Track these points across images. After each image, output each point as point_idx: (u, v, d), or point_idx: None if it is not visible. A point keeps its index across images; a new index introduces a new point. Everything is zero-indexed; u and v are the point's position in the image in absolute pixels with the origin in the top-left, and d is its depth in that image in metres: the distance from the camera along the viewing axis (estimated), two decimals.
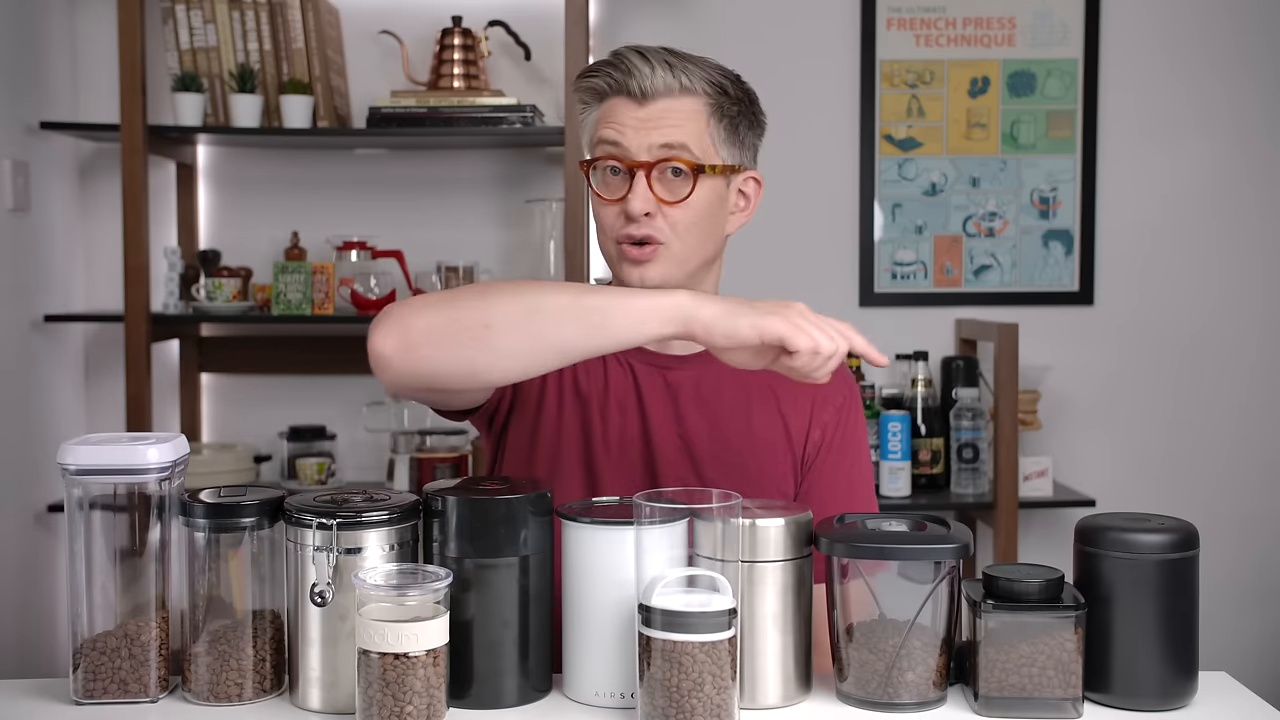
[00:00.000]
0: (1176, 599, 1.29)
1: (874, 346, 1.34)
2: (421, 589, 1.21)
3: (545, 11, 3.06)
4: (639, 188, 1.50)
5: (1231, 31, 3.29)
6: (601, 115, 1.55)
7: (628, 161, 1.51)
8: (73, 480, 1.31)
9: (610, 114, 1.53)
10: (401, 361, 1.35)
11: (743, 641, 1.27)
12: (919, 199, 3.29)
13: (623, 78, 1.51)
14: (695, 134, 1.51)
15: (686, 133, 1.51)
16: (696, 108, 1.52)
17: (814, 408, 1.62)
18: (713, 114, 1.53)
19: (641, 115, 1.51)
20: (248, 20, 2.97)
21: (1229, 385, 3.33)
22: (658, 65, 1.50)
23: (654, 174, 1.51)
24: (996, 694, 1.28)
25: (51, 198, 3.05)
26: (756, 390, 1.61)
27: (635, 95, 1.51)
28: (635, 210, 1.49)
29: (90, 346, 3.21)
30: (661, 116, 1.51)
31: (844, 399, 1.64)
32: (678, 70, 1.51)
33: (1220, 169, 3.31)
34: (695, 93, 1.52)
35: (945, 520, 1.35)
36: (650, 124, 1.50)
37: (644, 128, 1.51)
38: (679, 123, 1.51)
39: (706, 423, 1.59)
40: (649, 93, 1.51)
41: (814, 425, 1.61)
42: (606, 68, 1.53)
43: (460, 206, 3.22)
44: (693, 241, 1.53)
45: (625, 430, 1.59)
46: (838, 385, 1.63)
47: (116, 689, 1.31)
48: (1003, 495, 2.91)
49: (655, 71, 1.50)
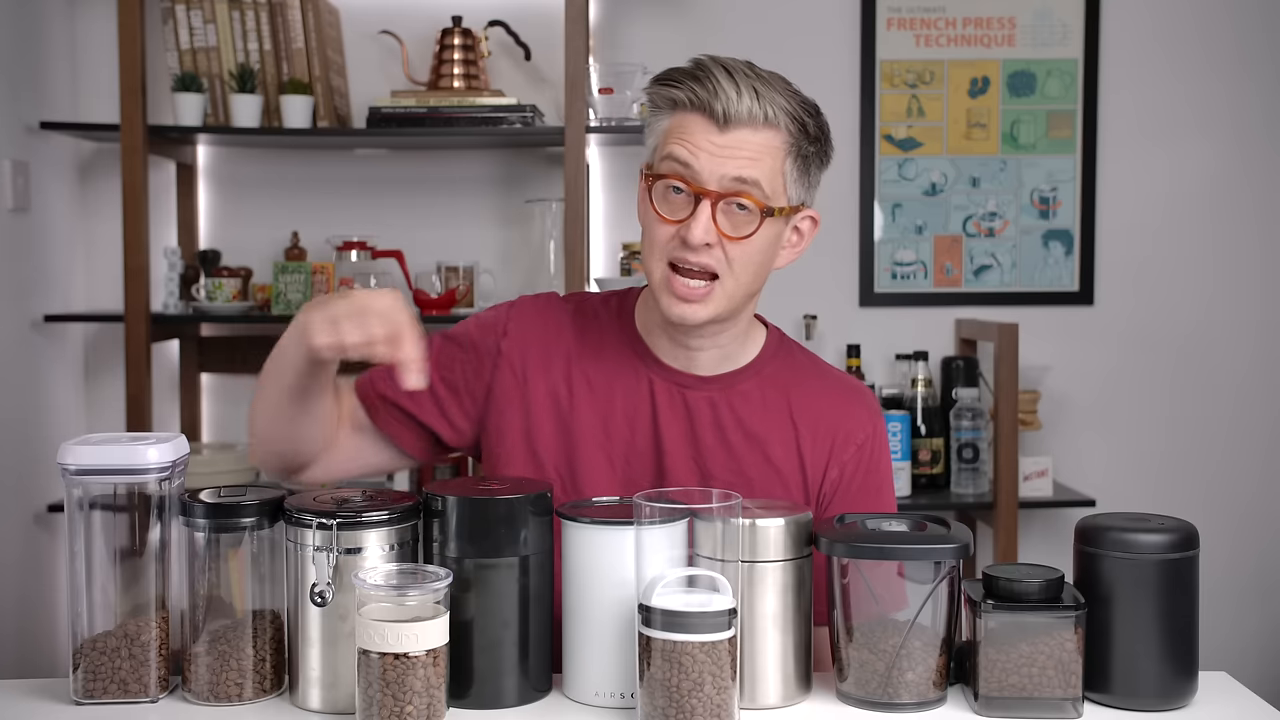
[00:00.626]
0: (1176, 599, 1.29)
1: (417, 361, 1.34)
2: (421, 589, 1.21)
3: (545, 11, 3.06)
4: (702, 216, 1.43)
5: (1231, 31, 3.29)
6: (675, 127, 1.47)
7: (695, 187, 1.44)
8: (73, 480, 1.31)
9: (685, 130, 1.45)
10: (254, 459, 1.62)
11: (743, 641, 1.27)
12: (919, 199, 3.29)
13: (707, 97, 1.43)
14: (769, 171, 1.45)
15: (761, 169, 1.44)
16: (775, 144, 1.45)
17: (834, 445, 1.57)
18: (789, 152, 1.47)
19: (719, 141, 1.44)
20: (248, 20, 2.97)
21: (1228, 385, 3.33)
22: (745, 91, 1.43)
23: (720, 205, 1.44)
24: (996, 694, 1.28)
25: (51, 198, 3.05)
26: (776, 421, 1.57)
27: (716, 117, 1.43)
28: (695, 239, 1.43)
29: (90, 346, 3.21)
30: (739, 146, 1.44)
31: (866, 437, 1.59)
32: (764, 100, 1.44)
33: (1220, 169, 3.31)
34: (777, 127, 1.45)
35: (945, 520, 1.35)
36: (726, 152, 1.43)
37: (719, 155, 1.43)
38: (755, 156, 1.44)
39: (722, 447, 1.55)
40: (731, 118, 1.43)
41: (832, 464, 1.57)
42: (689, 80, 1.45)
43: (460, 206, 3.22)
44: (745, 279, 1.48)
45: (635, 444, 1.56)
46: (861, 423, 1.59)
47: (116, 689, 1.31)
48: (1003, 495, 2.91)
49: (741, 98, 1.43)
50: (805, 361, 1.64)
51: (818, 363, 1.66)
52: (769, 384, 1.58)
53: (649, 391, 1.56)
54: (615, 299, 1.64)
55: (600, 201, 3.22)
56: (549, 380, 1.58)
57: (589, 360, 1.58)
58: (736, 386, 1.57)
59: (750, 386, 1.57)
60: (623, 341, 1.59)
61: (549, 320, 1.61)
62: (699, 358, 1.56)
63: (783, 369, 1.60)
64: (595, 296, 1.66)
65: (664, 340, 1.57)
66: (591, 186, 3.16)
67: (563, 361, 1.58)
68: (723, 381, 1.57)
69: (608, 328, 1.61)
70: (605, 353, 1.59)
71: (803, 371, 1.61)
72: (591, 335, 1.60)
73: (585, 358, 1.58)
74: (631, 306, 1.62)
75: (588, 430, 1.56)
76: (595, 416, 1.56)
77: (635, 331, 1.60)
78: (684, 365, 1.57)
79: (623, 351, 1.58)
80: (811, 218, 1.56)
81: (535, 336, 1.59)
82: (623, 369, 1.57)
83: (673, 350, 1.57)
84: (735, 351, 1.58)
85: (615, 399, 1.56)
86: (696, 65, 1.47)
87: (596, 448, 1.55)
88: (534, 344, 1.59)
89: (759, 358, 1.60)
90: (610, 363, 1.58)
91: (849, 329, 3.25)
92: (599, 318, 1.62)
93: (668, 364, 1.57)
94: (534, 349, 1.59)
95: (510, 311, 1.62)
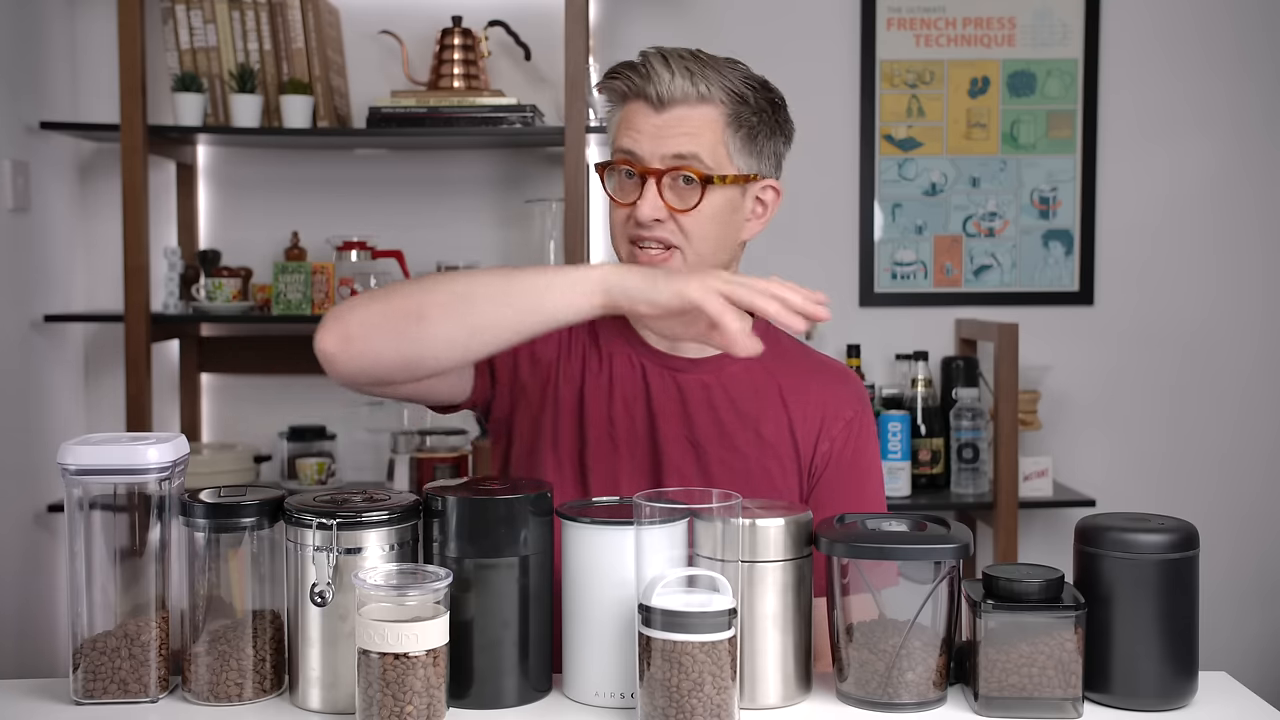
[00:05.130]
0: (1176, 599, 1.29)
1: (812, 300, 1.31)
2: (421, 589, 1.21)
3: (545, 11, 3.06)
4: (649, 194, 1.51)
5: (1231, 31, 3.29)
6: (622, 119, 1.55)
7: (639, 168, 1.52)
8: (73, 480, 1.31)
9: (628, 119, 1.54)
10: (344, 356, 1.39)
11: (743, 641, 1.27)
12: (919, 199, 3.29)
13: (642, 83, 1.51)
14: (708, 144, 1.51)
15: (699, 142, 1.51)
16: (712, 117, 1.52)
17: (824, 421, 1.61)
18: (729, 124, 1.52)
19: (657, 123, 1.51)
20: (248, 20, 2.97)
21: (1229, 385, 3.33)
22: (678, 72, 1.50)
23: (664, 181, 1.51)
24: (996, 694, 1.28)
25: (51, 198, 3.05)
26: (767, 398, 1.61)
27: (652, 101, 1.51)
28: (644, 216, 1.51)
29: (90, 346, 3.21)
30: (676, 124, 1.51)
31: (854, 414, 1.63)
32: (697, 78, 1.50)
33: (1220, 169, 3.31)
34: (712, 101, 1.51)
35: (945, 520, 1.35)
36: (664, 131, 1.51)
37: (658, 135, 1.51)
38: (692, 131, 1.51)
39: (715, 427, 1.59)
40: (665, 99, 1.50)
41: (822, 438, 1.61)
42: (628, 70, 1.53)
43: (460, 206, 3.22)
44: (705, 248, 1.54)
45: (633, 430, 1.59)
46: (848, 399, 1.63)
47: (116, 689, 1.31)
48: (1003, 495, 2.91)
49: (674, 78, 1.50)
50: (793, 346, 1.68)
51: (804, 348, 1.70)
52: (757, 367, 1.60)
53: (641, 375, 1.61)
54: None
55: (600, 201, 3.21)
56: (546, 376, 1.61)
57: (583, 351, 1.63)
58: (726, 368, 1.61)
59: (739, 368, 1.61)
60: (613, 327, 1.63)
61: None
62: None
63: (771, 353, 1.61)
64: None
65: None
66: (591, 186, 3.16)
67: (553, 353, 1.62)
68: (712, 364, 1.61)
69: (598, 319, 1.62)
70: (599, 338, 1.63)
71: (791, 355, 1.66)
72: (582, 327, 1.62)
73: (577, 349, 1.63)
74: None
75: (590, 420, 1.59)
76: (597, 405, 1.60)
77: (624, 320, 1.63)
78: (672, 348, 1.61)
79: (614, 337, 1.63)
80: (773, 188, 1.60)
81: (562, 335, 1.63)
82: (616, 353, 1.62)
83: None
84: None
85: (613, 384, 1.60)
86: (640, 55, 1.54)
87: (604, 435, 1.59)
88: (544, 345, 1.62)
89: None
90: (604, 347, 1.63)
91: (849, 329, 3.25)
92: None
93: (657, 348, 1.61)
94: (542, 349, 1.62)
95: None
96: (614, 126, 1.57)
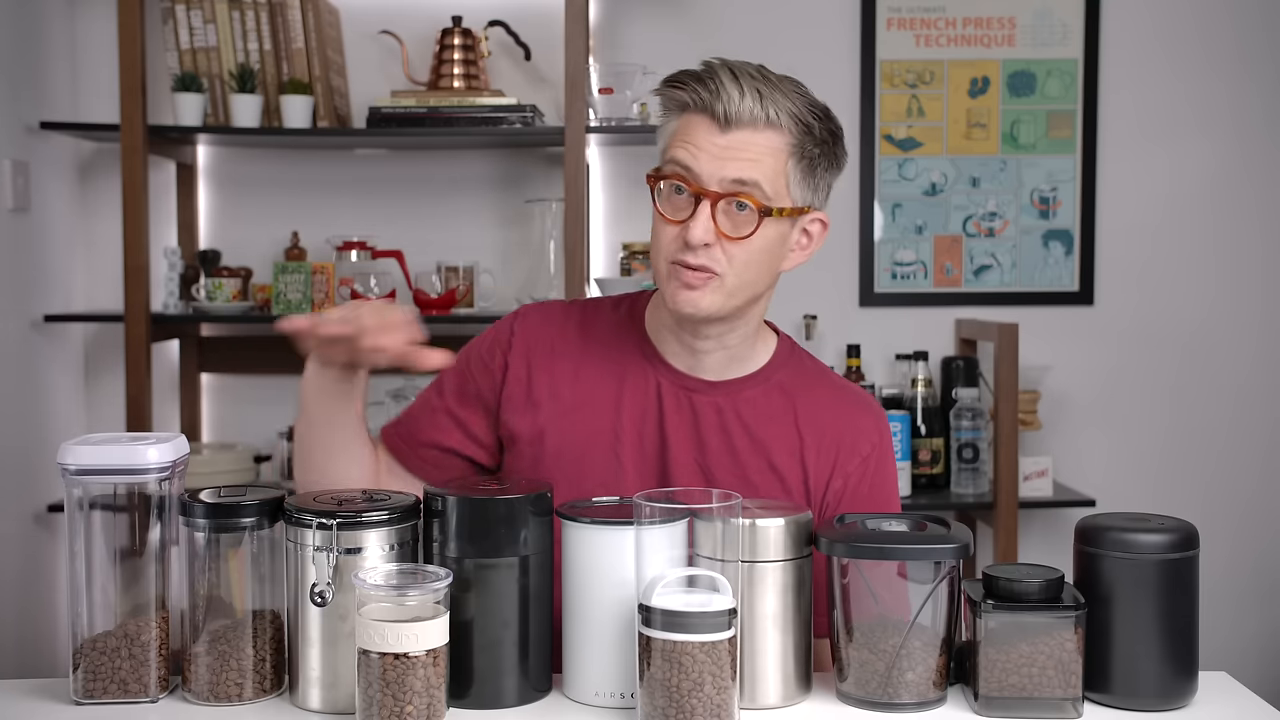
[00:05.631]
0: (1176, 599, 1.29)
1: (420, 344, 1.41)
2: (421, 589, 1.21)
3: (545, 11, 3.06)
4: (702, 216, 1.44)
5: (1231, 31, 3.29)
6: (679, 129, 1.48)
7: (695, 187, 1.45)
8: (73, 480, 1.31)
9: (688, 132, 1.47)
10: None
11: (743, 641, 1.27)
12: (919, 199, 3.29)
13: (709, 97, 1.44)
14: (770, 173, 1.45)
15: (761, 169, 1.44)
16: (777, 145, 1.46)
17: (839, 456, 1.57)
18: (792, 154, 1.46)
19: (720, 142, 1.44)
20: (248, 20, 2.97)
21: (1229, 385, 3.33)
22: (747, 91, 1.43)
23: (720, 205, 1.45)
24: (996, 694, 1.28)
25: (51, 198, 3.05)
26: (782, 429, 1.57)
27: (718, 119, 1.44)
28: (695, 239, 1.44)
29: (90, 346, 3.21)
30: (740, 148, 1.44)
31: (872, 447, 1.59)
32: (766, 101, 1.44)
33: (1220, 169, 3.31)
34: (779, 128, 1.45)
35: (945, 520, 1.35)
36: (727, 154, 1.44)
37: (720, 156, 1.44)
38: (756, 157, 1.44)
39: (727, 452, 1.56)
40: (732, 119, 1.44)
41: (836, 475, 1.57)
42: (694, 82, 1.46)
43: (460, 206, 3.22)
44: (748, 277, 1.48)
45: (642, 445, 1.56)
46: (866, 432, 1.59)
47: (116, 689, 1.31)
48: (1003, 495, 2.91)
49: (744, 98, 1.43)
50: (814, 371, 1.64)
51: (827, 373, 1.66)
52: (776, 391, 1.58)
53: (656, 393, 1.57)
54: (626, 302, 1.65)
55: (600, 201, 3.22)
56: (554, 385, 1.58)
57: (596, 362, 1.59)
58: (743, 393, 1.57)
59: (757, 393, 1.58)
60: (631, 343, 1.60)
61: (553, 326, 1.62)
62: (706, 360, 1.57)
63: (791, 377, 1.60)
64: (606, 300, 1.67)
65: (672, 342, 1.57)
66: (591, 186, 3.16)
67: (569, 365, 1.59)
68: (730, 387, 1.57)
69: (616, 329, 1.61)
70: (612, 354, 1.59)
71: (811, 381, 1.62)
72: (599, 337, 1.61)
73: (591, 360, 1.59)
74: (642, 309, 1.63)
75: (596, 432, 1.56)
76: (603, 418, 1.56)
77: (644, 333, 1.60)
78: (691, 368, 1.57)
79: (631, 353, 1.59)
80: (820, 220, 1.55)
81: (540, 343, 1.60)
82: (630, 370, 1.58)
83: (680, 353, 1.57)
84: (743, 355, 1.58)
85: (623, 400, 1.57)
86: (704, 67, 1.48)
87: (605, 449, 1.56)
88: (539, 351, 1.60)
89: (768, 365, 1.60)
90: (617, 364, 1.59)
91: (849, 329, 3.25)
92: (607, 320, 1.63)
93: (675, 367, 1.58)
94: (539, 356, 1.60)
95: (514, 322, 1.63)
96: (668, 135, 1.50)
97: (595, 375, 1.58)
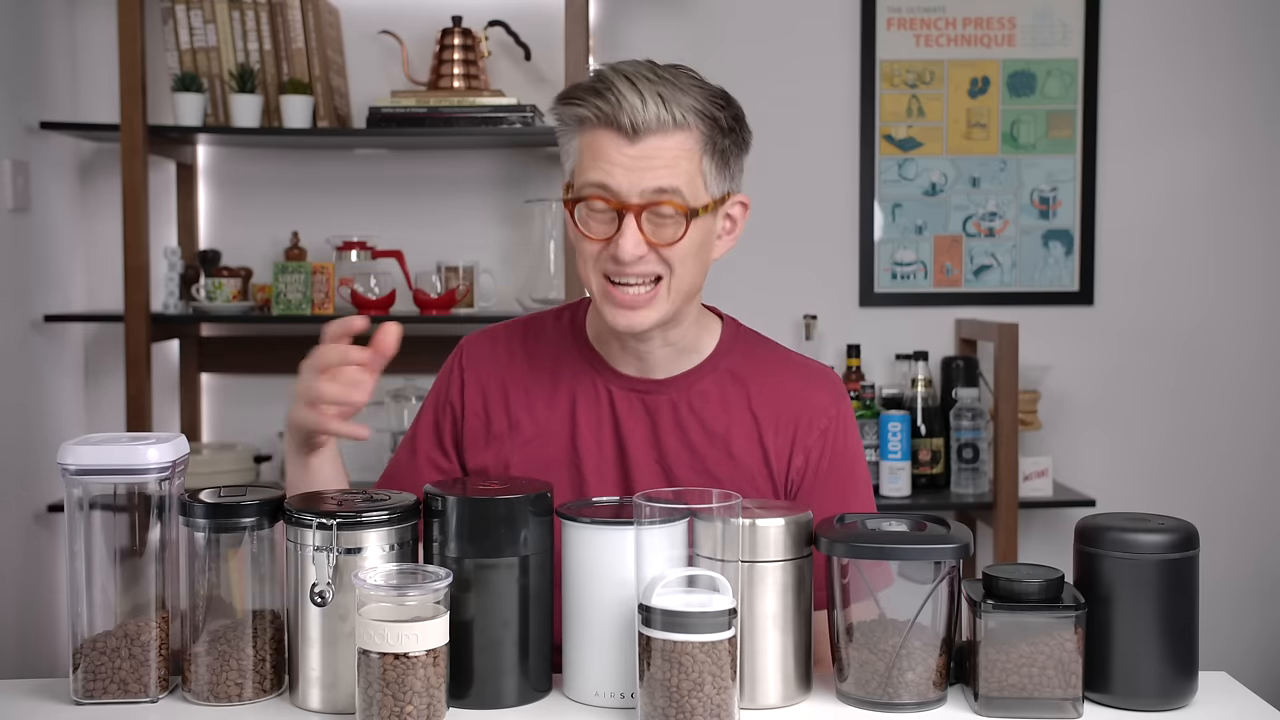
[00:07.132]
0: (1176, 599, 1.29)
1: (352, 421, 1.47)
2: (421, 589, 1.21)
3: (545, 11, 3.06)
4: (629, 231, 1.42)
5: (1231, 31, 3.29)
6: (586, 147, 1.45)
7: (615, 203, 1.43)
8: (73, 480, 1.31)
9: (596, 148, 1.43)
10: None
11: (743, 641, 1.27)
12: (919, 199, 3.29)
13: (611, 110, 1.41)
14: (687, 175, 1.43)
15: (678, 174, 1.42)
16: (689, 145, 1.44)
17: (797, 432, 1.56)
18: (705, 150, 1.45)
19: (631, 153, 1.42)
20: (248, 20, 2.97)
21: (1229, 385, 3.33)
22: (649, 97, 1.41)
23: (644, 216, 1.43)
24: (996, 694, 1.28)
25: (51, 198, 3.05)
26: (737, 415, 1.56)
27: (625, 130, 1.41)
28: (627, 255, 1.42)
29: (90, 346, 3.21)
30: (653, 155, 1.42)
31: (829, 420, 1.58)
32: (670, 103, 1.41)
33: (1221, 168, 3.31)
34: (687, 128, 1.43)
35: (945, 520, 1.35)
36: (641, 164, 1.42)
37: (635, 168, 1.41)
38: (670, 163, 1.42)
39: (685, 448, 1.55)
40: (640, 128, 1.41)
41: (796, 451, 1.56)
42: (592, 96, 1.43)
43: (460, 206, 3.22)
44: (686, 277, 1.48)
45: (601, 454, 1.56)
46: (823, 407, 1.58)
47: (116, 689, 1.31)
48: (1003, 495, 2.91)
49: (646, 105, 1.40)
50: (763, 350, 1.63)
51: (776, 349, 1.64)
52: (727, 378, 1.58)
53: (609, 402, 1.57)
54: (567, 312, 1.64)
55: None
56: (511, 416, 1.59)
57: (545, 381, 1.59)
58: (695, 386, 1.57)
59: (709, 384, 1.57)
60: (577, 355, 1.60)
61: (499, 356, 1.62)
62: (652, 358, 1.56)
63: (741, 361, 1.59)
64: (547, 314, 1.67)
65: (616, 347, 1.57)
66: None
67: (520, 392, 1.59)
68: (681, 382, 1.57)
69: (559, 344, 1.61)
70: (561, 369, 1.59)
71: (761, 360, 1.60)
72: (545, 355, 1.61)
73: (541, 380, 1.59)
74: (583, 318, 1.62)
75: (556, 455, 1.56)
76: (561, 439, 1.57)
77: (588, 342, 1.60)
78: (639, 370, 1.57)
79: (578, 365, 1.59)
80: (741, 203, 1.55)
81: (490, 376, 1.61)
82: (580, 383, 1.58)
83: (625, 357, 1.57)
84: (689, 346, 1.58)
85: (578, 416, 1.57)
86: (597, 78, 1.45)
87: (567, 469, 1.56)
88: (490, 384, 1.60)
89: (716, 351, 1.59)
90: (567, 378, 1.58)
91: (849, 329, 3.25)
92: (550, 336, 1.62)
93: (623, 371, 1.57)
94: (491, 389, 1.60)
95: (459, 359, 1.64)
96: (575, 154, 1.47)
97: (547, 397, 1.58)
